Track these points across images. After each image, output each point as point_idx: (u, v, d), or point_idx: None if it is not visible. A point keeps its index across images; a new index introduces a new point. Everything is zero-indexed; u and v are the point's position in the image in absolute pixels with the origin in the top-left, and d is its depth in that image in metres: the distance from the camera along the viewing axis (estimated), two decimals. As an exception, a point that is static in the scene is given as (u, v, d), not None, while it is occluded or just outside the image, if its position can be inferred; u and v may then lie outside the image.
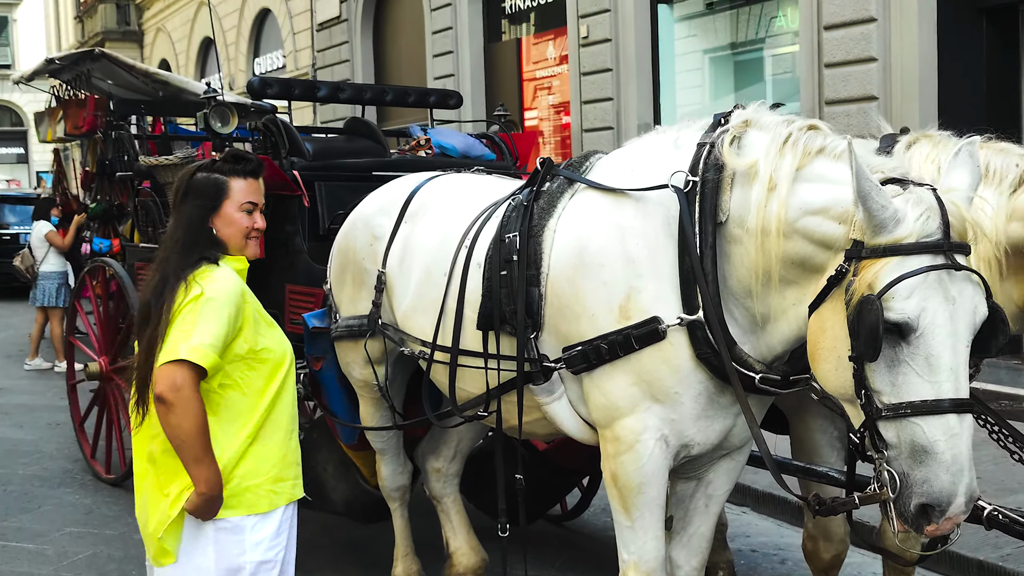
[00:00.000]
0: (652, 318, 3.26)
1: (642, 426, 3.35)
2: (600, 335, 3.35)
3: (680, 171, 3.27)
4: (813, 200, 2.97)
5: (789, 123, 3.15)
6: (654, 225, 3.34)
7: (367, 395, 4.73)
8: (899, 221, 2.72)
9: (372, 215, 4.57)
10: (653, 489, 3.40)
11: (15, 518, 6.72)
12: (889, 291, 2.67)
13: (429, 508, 5.24)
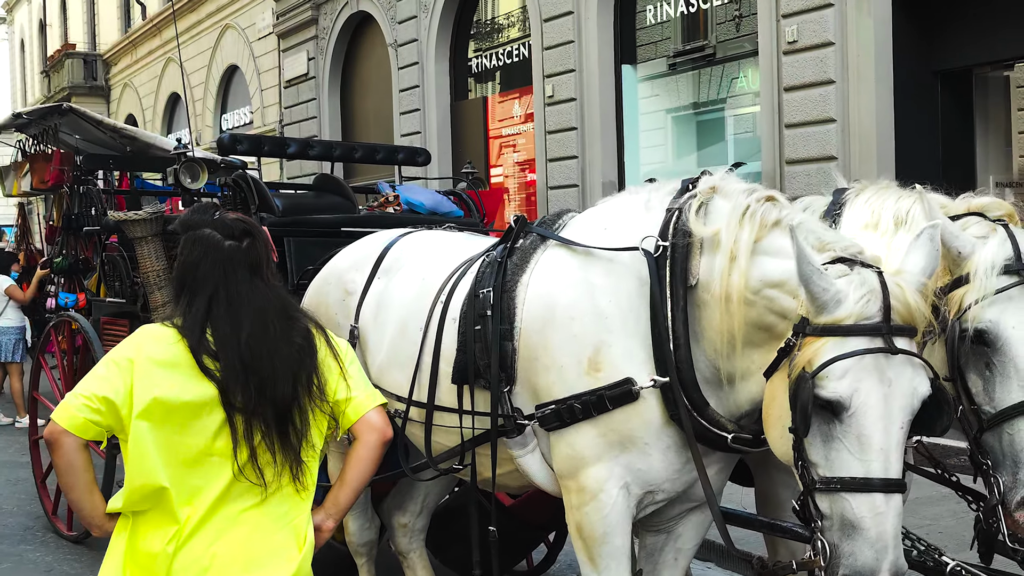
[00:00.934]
0: (625, 379, 3.33)
1: (607, 474, 3.40)
2: (573, 394, 3.42)
3: (650, 236, 3.35)
4: (771, 273, 3.08)
5: (749, 193, 3.26)
6: (626, 284, 3.42)
7: (335, 451, 4.73)
8: (840, 302, 2.80)
9: (345, 270, 4.62)
10: (618, 538, 3.44)
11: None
12: (824, 370, 2.77)
13: (395, 563, 5.23)
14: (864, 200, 3.72)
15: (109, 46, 31.36)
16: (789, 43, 10.14)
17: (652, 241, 3.34)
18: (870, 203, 3.69)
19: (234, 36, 22.56)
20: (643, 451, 3.37)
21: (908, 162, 9.30)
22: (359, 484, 3.05)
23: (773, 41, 10.36)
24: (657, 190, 3.59)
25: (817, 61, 9.91)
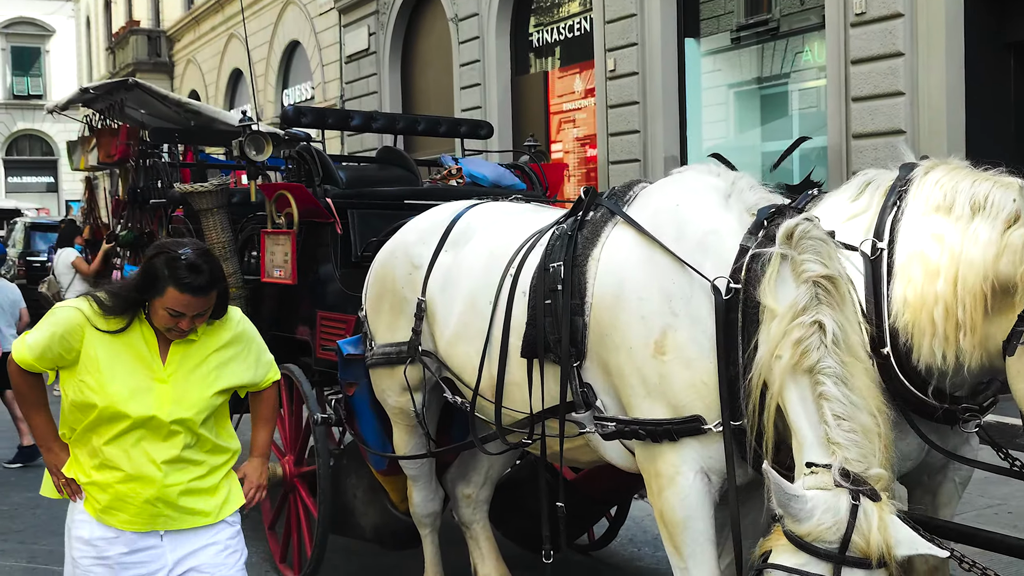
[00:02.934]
0: (694, 417, 3.31)
1: (680, 459, 3.37)
2: (640, 420, 3.42)
3: (722, 277, 3.26)
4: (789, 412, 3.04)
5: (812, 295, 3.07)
6: (691, 275, 3.35)
7: (402, 422, 4.75)
8: (810, 518, 2.79)
9: (411, 244, 4.62)
10: (700, 522, 3.39)
11: (45, 541, 6.74)
12: (769, 570, 2.84)
13: (457, 536, 5.25)
14: (935, 180, 3.62)
15: (172, 22, 31.68)
16: (857, 15, 9.96)
17: (723, 283, 3.25)
18: (942, 184, 3.58)
19: (295, 12, 22.68)
20: (712, 438, 3.33)
21: (979, 137, 9.11)
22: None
23: (840, 13, 10.18)
24: (740, 187, 3.49)
25: (886, 33, 9.72)
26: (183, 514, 3.40)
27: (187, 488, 3.39)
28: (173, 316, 3.28)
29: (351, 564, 6.15)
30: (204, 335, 3.44)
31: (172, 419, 3.32)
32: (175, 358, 3.38)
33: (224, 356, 3.47)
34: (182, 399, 3.35)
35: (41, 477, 3.59)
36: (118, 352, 3.32)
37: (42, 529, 7.01)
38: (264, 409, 3.76)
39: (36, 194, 42.83)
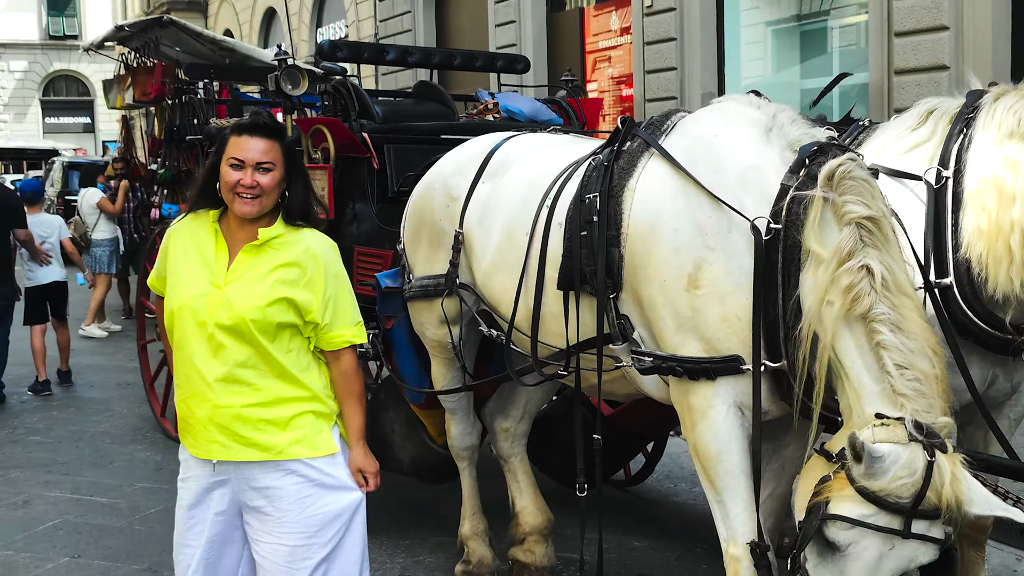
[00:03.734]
0: (733, 356, 3.27)
1: (713, 393, 3.35)
2: (676, 356, 3.39)
3: (761, 217, 3.20)
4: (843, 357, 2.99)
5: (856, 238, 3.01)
6: (728, 211, 3.29)
7: (440, 355, 4.76)
8: (885, 472, 2.76)
9: (449, 175, 4.59)
10: (734, 455, 3.37)
11: (88, 473, 6.88)
12: (836, 521, 2.80)
13: (494, 470, 5.28)
14: (1008, 106, 3.52)
15: (206, -39, 31.50)
16: (900, -53, 9.72)
17: (763, 223, 3.19)
18: (1015, 110, 3.49)
19: (329, -52, 22.47)
20: (746, 375, 3.29)
21: (1025, 72, 8.91)
22: None
23: (883, -55, 9.93)
24: (781, 121, 3.39)
25: (929, -35, 9.48)
26: (238, 443, 3.22)
27: (240, 414, 3.21)
28: (235, 168, 3.19)
29: (388, 498, 6.19)
30: (273, 248, 3.26)
31: (217, 325, 3.19)
32: (239, 267, 3.25)
33: (288, 274, 3.25)
34: (232, 306, 3.19)
35: (76, 411, 3.61)
36: (191, 259, 3.30)
37: (85, 461, 7.15)
38: (343, 382, 3.38)
39: (73, 134, 43.02)
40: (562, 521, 5.22)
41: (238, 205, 3.22)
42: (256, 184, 3.20)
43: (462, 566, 4.92)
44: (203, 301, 3.22)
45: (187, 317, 3.24)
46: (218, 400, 3.22)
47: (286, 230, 3.30)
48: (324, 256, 3.32)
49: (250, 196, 3.21)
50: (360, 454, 3.42)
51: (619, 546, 5.48)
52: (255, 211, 3.24)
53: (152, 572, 5.13)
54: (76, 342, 11.77)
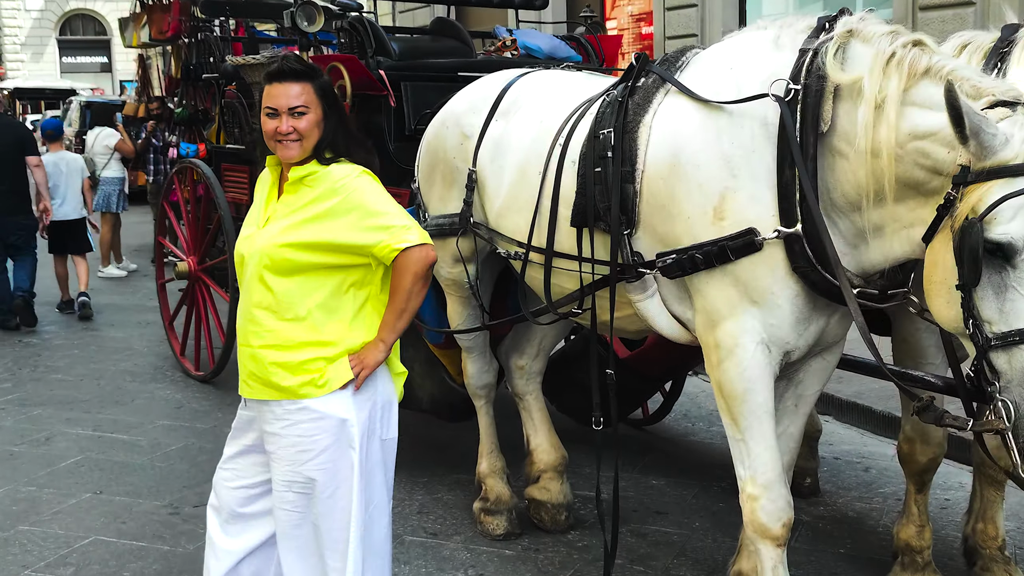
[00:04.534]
0: (748, 229, 3.21)
1: (741, 329, 3.32)
2: (695, 244, 3.32)
3: (781, 79, 3.18)
4: (921, 125, 2.90)
5: (894, 37, 3.03)
6: (751, 127, 3.28)
7: (455, 294, 4.75)
8: (1006, 143, 2.66)
9: (462, 113, 4.55)
10: (759, 395, 3.35)
11: (109, 410, 6.94)
12: (992, 212, 2.63)
13: (511, 411, 5.29)
14: None
15: None
16: None
17: (782, 85, 3.17)
18: None
19: None
20: (772, 302, 3.27)
21: (1054, 7, 8.72)
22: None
23: None
24: (788, 27, 3.38)
25: None
26: (257, 383, 3.25)
27: (255, 354, 3.23)
28: (271, 117, 3.21)
29: (407, 436, 6.20)
30: (307, 184, 3.22)
31: (248, 263, 3.25)
32: (278, 208, 3.27)
33: (321, 208, 3.18)
34: (259, 246, 3.23)
35: (97, 350, 3.63)
36: (256, 203, 3.40)
37: (106, 399, 7.21)
38: (396, 278, 3.23)
39: (90, 74, 42.94)
40: (579, 460, 5.25)
41: (280, 151, 3.25)
42: (292, 130, 3.20)
43: (480, 503, 4.95)
44: (246, 243, 3.31)
45: (236, 254, 3.36)
46: (243, 339, 3.32)
47: (317, 168, 3.25)
48: (352, 183, 3.21)
49: (289, 141, 3.22)
50: (370, 345, 3.26)
51: (636, 484, 5.50)
52: (297, 154, 3.24)
53: (173, 508, 5.18)
54: (95, 282, 11.87)
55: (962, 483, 5.25)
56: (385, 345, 3.28)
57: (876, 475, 5.66)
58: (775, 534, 3.42)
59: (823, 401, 6.46)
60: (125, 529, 4.94)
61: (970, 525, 4.23)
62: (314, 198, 3.22)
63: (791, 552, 4.51)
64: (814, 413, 5.42)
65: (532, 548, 4.72)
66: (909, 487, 4.09)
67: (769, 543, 3.43)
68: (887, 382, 4.34)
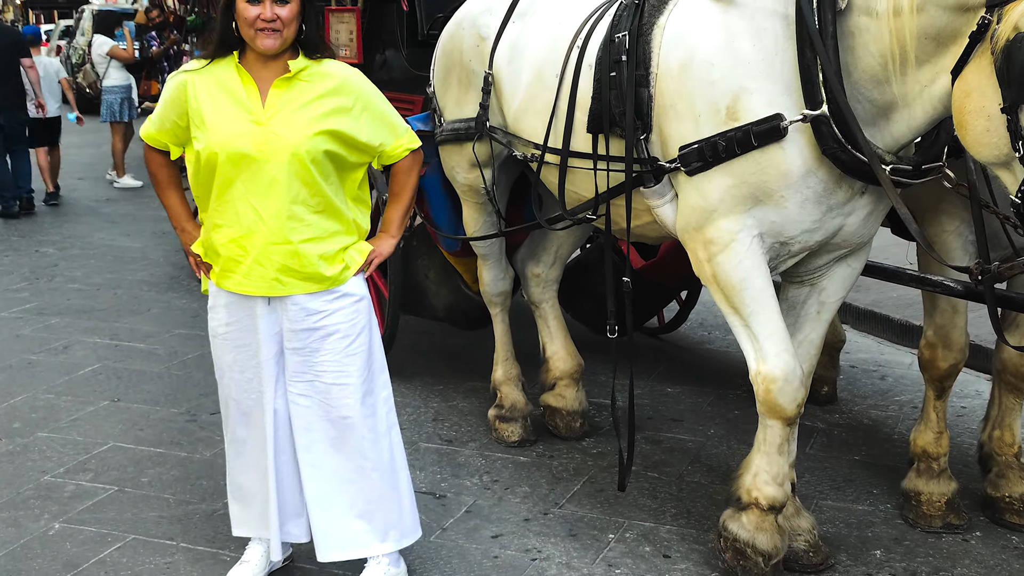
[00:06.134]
0: (775, 115, 3.14)
1: (739, 226, 3.30)
2: (719, 132, 3.25)
3: None
4: None
5: None
6: (771, 25, 3.20)
7: (471, 200, 4.70)
8: None
9: (479, 14, 4.45)
10: (758, 280, 3.34)
11: (126, 319, 6.96)
12: None
13: (527, 319, 5.28)
14: None
15: None
16: None
17: None
18: None
19: None
20: (778, 204, 3.24)
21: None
22: None
23: None
24: None
25: None
26: (295, 278, 3.27)
27: (297, 249, 3.24)
28: (252, 3, 3.12)
29: (423, 343, 6.27)
30: (304, 80, 3.23)
31: (268, 160, 3.18)
32: (275, 101, 3.22)
33: (329, 104, 3.24)
34: (279, 140, 3.18)
35: (113, 260, 3.62)
36: (219, 101, 3.23)
37: (124, 309, 7.24)
38: (394, 184, 3.51)
39: (103, -17, 42.40)
40: (595, 368, 5.24)
41: (260, 40, 3.16)
42: (276, 17, 3.13)
43: (495, 410, 4.96)
44: (247, 139, 3.19)
45: (231, 156, 3.20)
46: (274, 236, 3.24)
47: (310, 63, 3.26)
48: (359, 84, 3.34)
49: (271, 30, 3.15)
50: (382, 241, 3.50)
51: (651, 392, 5.51)
52: (278, 44, 3.18)
53: (190, 415, 5.21)
54: (111, 192, 11.89)
55: (979, 391, 5.23)
56: (395, 240, 3.53)
57: (892, 383, 5.65)
58: (788, 414, 3.45)
59: (840, 309, 6.43)
60: (143, 436, 4.98)
61: (986, 432, 4.21)
62: (323, 93, 3.24)
63: (806, 459, 4.55)
64: (837, 323, 5.39)
65: (547, 455, 4.74)
66: (928, 393, 4.07)
67: (781, 422, 3.48)
68: (905, 290, 4.33)
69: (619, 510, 4.18)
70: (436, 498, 4.31)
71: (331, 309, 3.33)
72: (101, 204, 11.50)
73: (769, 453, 3.54)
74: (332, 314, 3.34)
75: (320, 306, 3.32)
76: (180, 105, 3.28)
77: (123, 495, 4.35)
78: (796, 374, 3.41)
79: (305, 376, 3.38)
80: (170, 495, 4.35)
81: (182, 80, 3.29)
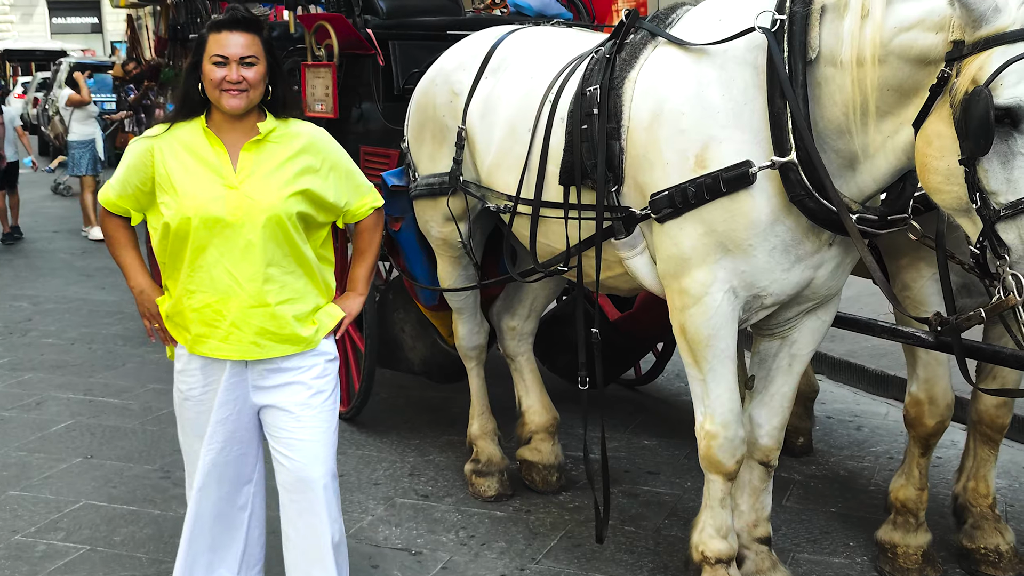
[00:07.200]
0: (744, 161, 3.18)
1: (711, 278, 3.33)
2: (687, 180, 3.28)
3: (766, 11, 3.17)
4: (907, 16, 2.87)
5: None
6: (741, 75, 3.25)
7: (446, 253, 4.71)
8: (999, 11, 2.64)
9: (452, 71, 4.49)
10: (723, 341, 3.40)
11: (100, 374, 6.91)
12: (997, 78, 2.60)
13: (502, 372, 5.28)
14: None
15: None
16: None
17: (768, 16, 3.16)
18: None
19: None
20: (747, 253, 3.27)
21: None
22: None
23: None
24: None
25: None
26: (272, 341, 3.23)
27: (275, 312, 3.21)
28: (219, 66, 3.11)
29: (399, 398, 6.25)
30: (273, 141, 3.22)
31: (244, 224, 3.14)
32: (246, 165, 3.19)
33: (299, 165, 3.23)
34: (253, 204, 3.15)
35: (88, 314, 3.59)
36: (189, 165, 3.18)
37: (98, 363, 7.19)
38: (359, 241, 3.52)
39: (81, 35, 42.55)
40: (571, 421, 5.23)
41: (226, 100, 3.14)
42: (242, 79, 3.13)
43: (471, 465, 4.94)
44: (220, 204, 3.15)
45: (205, 221, 3.15)
46: (252, 300, 3.19)
47: (278, 123, 3.26)
48: (326, 143, 3.35)
49: (238, 90, 3.14)
50: (351, 300, 3.50)
51: (628, 445, 5.50)
52: (243, 105, 3.16)
53: (164, 472, 5.17)
54: (86, 245, 11.89)
55: (954, 441, 5.24)
56: (363, 298, 3.53)
57: (868, 433, 5.66)
58: (728, 469, 3.58)
59: (816, 360, 6.45)
60: (116, 493, 4.93)
61: (961, 483, 4.22)
62: (292, 154, 3.24)
63: (782, 511, 4.54)
64: (811, 373, 5.42)
65: (523, 509, 4.72)
66: (912, 450, 4.05)
67: (721, 477, 3.59)
68: (880, 340, 4.35)
69: (596, 565, 4.17)
70: (412, 555, 4.28)
71: (306, 366, 3.31)
72: (76, 257, 11.45)
73: (713, 507, 3.65)
74: (307, 370, 3.31)
75: (294, 364, 3.29)
76: (144, 171, 3.23)
77: (95, 554, 4.30)
78: (738, 434, 3.53)
79: (280, 432, 3.32)
80: (143, 554, 4.31)
81: (147, 146, 3.24)
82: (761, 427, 3.71)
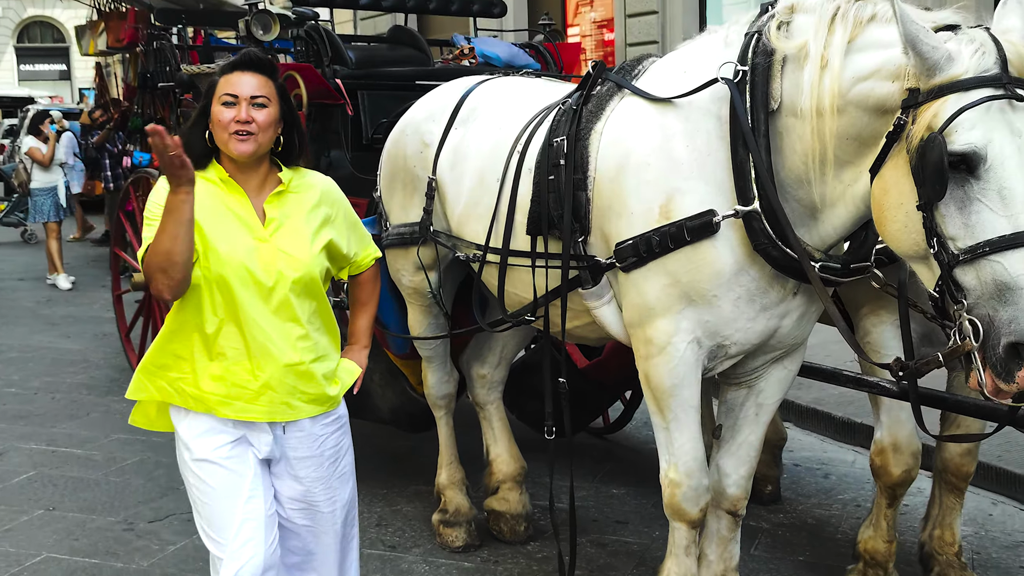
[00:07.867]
0: (707, 211, 3.21)
1: (675, 328, 3.35)
2: (651, 229, 3.30)
3: (729, 62, 3.22)
4: (865, 66, 2.92)
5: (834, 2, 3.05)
6: (704, 127, 3.29)
7: (416, 302, 4.72)
8: (953, 59, 2.69)
9: (422, 121, 4.52)
10: (687, 390, 3.42)
11: (64, 424, 6.83)
12: (951, 124, 2.64)
13: (471, 421, 5.26)
14: None
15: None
16: None
17: (730, 68, 3.20)
18: None
19: None
20: (710, 303, 3.29)
21: None
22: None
23: None
24: (735, 24, 3.41)
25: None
26: (303, 401, 3.08)
27: (308, 370, 3.07)
28: (228, 106, 2.94)
29: (367, 447, 6.18)
30: (293, 191, 3.09)
31: (278, 280, 2.98)
32: (273, 216, 3.04)
33: (320, 216, 3.12)
34: (287, 259, 3.01)
35: (52, 363, 3.54)
36: (219, 214, 2.99)
37: (61, 413, 7.10)
38: (361, 293, 3.42)
39: (49, 82, 42.43)
40: (540, 470, 5.19)
41: (234, 145, 2.96)
42: (251, 120, 2.96)
43: (439, 515, 4.90)
44: (254, 257, 2.99)
45: (240, 277, 2.97)
46: (287, 359, 3.03)
47: (293, 173, 3.15)
48: (338, 193, 3.26)
49: (245, 133, 2.96)
50: (358, 354, 3.39)
51: (596, 493, 5.48)
52: (252, 149, 2.98)
53: (127, 524, 5.09)
54: (52, 293, 11.76)
55: (921, 488, 5.26)
56: (367, 350, 3.43)
57: (836, 481, 5.68)
58: (692, 517, 3.59)
59: (783, 407, 6.48)
60: (78, 546, 4.85)
61: (927, 531, 4.24)
62: (313, 204, 3.13)
63: (751, 560, 4.54)
64: (778, 421, 5.43)
65: (491, 560, 4.69)
66: (880, 500, 4.06)
67: (685, 525, 3.61)
68: (846, 388, 4.37)
69: (565, 616, 4.13)
70: (379, 607, 4.24)
71: (329, 432, 3.20)
72: (41, 305, 11.34)
73: (677, 555, 3.67)
74: (330, 436, 3.21)
75: (320, 430, 3.17)
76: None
77: (56, 609, 4.23)
78: (702, 483, 3.55)
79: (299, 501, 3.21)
80: (105, 608, 4.24)
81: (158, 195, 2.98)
82: (728, 476, 3.71)
